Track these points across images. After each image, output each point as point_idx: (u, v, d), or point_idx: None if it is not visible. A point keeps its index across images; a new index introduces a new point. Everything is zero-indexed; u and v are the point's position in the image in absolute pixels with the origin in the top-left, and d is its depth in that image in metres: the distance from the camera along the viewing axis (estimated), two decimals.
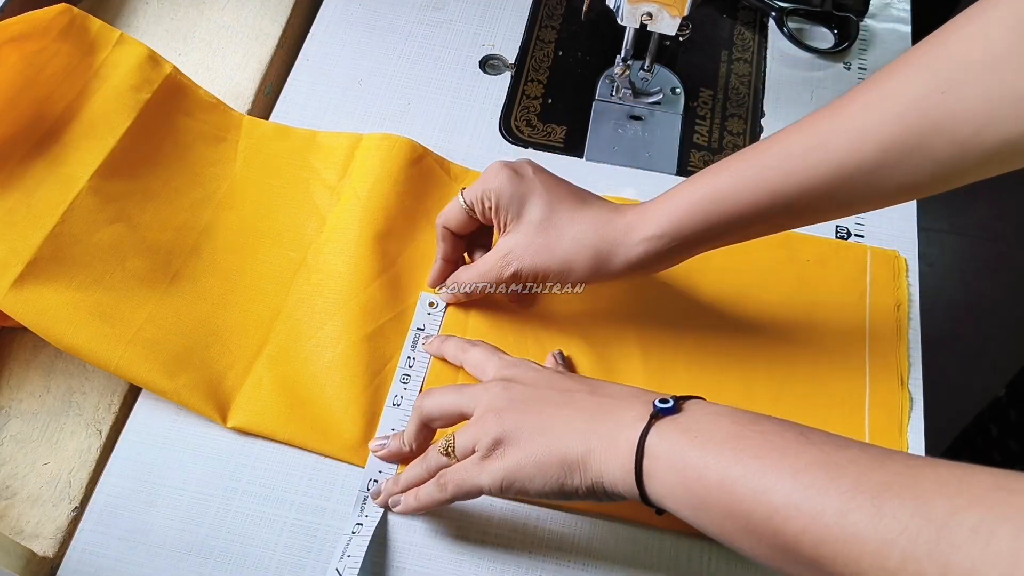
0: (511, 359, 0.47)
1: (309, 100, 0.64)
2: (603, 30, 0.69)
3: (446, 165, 0.60)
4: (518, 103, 0.65)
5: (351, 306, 0.53)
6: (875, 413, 0.52)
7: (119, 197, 0.53)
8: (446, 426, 0.46)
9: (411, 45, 0.68)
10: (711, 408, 0.38)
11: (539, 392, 0.42)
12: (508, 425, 0.41)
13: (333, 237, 0.55)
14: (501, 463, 0.40)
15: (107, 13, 0.67)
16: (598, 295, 0.55)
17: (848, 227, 0.59)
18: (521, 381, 0.43)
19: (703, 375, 0.53)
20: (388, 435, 0.49)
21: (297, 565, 0.46)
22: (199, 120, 0.59)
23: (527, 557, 0.47)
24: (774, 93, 0.67)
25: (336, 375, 0.51)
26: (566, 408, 0.40)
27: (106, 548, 0.46)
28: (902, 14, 0.72)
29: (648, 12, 0.56)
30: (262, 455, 0.49)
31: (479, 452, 0.41)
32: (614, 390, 0.41)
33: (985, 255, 1.50)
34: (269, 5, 0.69)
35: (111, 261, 0.51)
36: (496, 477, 0.40)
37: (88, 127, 0.54)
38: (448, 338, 0.52)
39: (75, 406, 0.50)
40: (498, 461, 0.41)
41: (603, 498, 0.39)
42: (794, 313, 0.55)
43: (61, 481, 0.48)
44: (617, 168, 0.62)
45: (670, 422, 0.37)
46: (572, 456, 0.39)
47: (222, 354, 0.51)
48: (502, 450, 0.41)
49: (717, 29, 0.71)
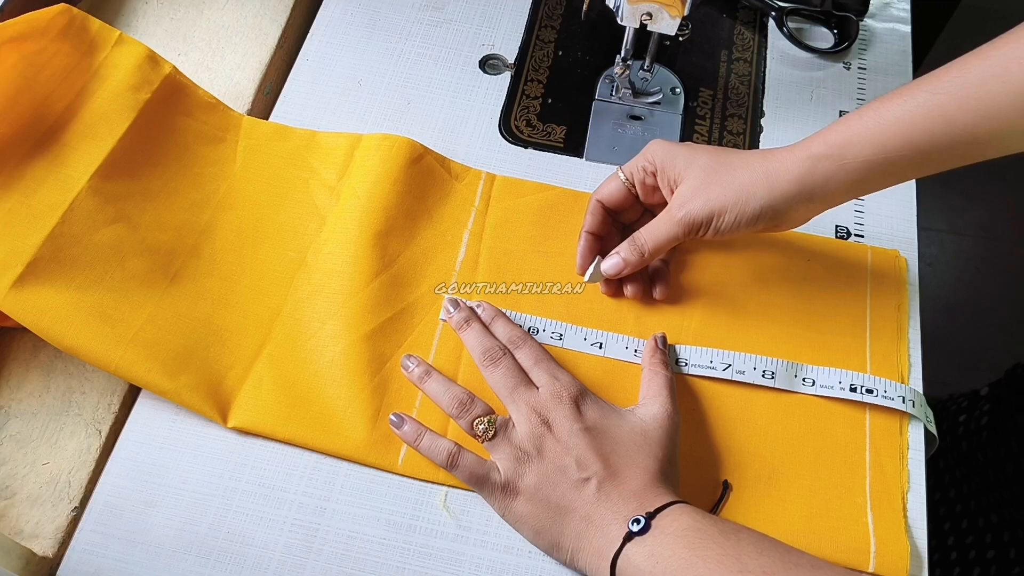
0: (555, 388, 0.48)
1: (309, 100, 0.64)
2: (603, 30, 0.69)
3: (447, 164, 0.60)
4: (518, 103, 0.65)
5: (351, 305, 0.53)
6: (875, 413, 0.52)
7: (119, 197, 0.53)
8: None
9: (411, 45, 0.68)
10: (675, 526, 0.42)
11: (563, 460, 0.45)
12: (526, 480, 0.46)
13: (333, 237, 0.55)
14: (506, 503, 0.46)
15: (107, 13, 0.67)
16: (598, 296, 0.55)
17: (848, 227, 0.59)
18: (556, 435, 0.46)
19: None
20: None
21: (297, 565, 0.46)
22: (199, 120, 0.59)
23: (527, 557, 0.47)
24: (774, 93, 0.67)
25: (337, 374, 0.51)
26: (574, 498, 0.44)
27: (106, 548, 0.46)
28: (902, 14, 0.72)
29: (648, 12, 0.56)
30: (262, 455, 0.49)
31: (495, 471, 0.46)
32: (616, 487, 0.44)
33: (985, 255, 1.50)
34: (269, 5, 0.69)
35: (111, 261, 0.51)
36: (498, 510, 0.47)
37: (88, 127, 0.54)
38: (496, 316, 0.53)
39: (75, 406, 0.50)
40: (506, 501, 0.46)
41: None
42: (794, 313, 0.55)
43: (61, 481, 0.48)
44: (617, 168, 0.62)
45: (638, 544, 0.42)
46: (564, 547, 0.45)
47: (222, 354, 0.51)
48: (513, 494, 0.46)
49: (717, 29, 0.71)
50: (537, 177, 0.60)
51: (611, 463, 0.45)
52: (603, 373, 0.52)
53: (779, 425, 0.51)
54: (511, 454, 0.46)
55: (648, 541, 0.42)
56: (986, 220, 1.53)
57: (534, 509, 0.45)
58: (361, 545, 0.47)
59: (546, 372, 0.48)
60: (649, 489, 0.44)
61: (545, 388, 0.48)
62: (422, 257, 0.56)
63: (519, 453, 0.46)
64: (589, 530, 0.44)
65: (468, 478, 0.47)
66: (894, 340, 0.54)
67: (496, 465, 0.47)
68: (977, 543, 0.70)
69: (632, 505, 0.43)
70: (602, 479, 0.44)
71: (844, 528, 0.48)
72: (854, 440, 0.50)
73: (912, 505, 0.49)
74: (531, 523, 0.45)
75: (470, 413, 0.48)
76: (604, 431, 0.46)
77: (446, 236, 0.57)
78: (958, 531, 0.71)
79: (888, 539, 0.47)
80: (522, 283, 0.55)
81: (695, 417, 0.51)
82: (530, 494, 0.45)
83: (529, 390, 0.48)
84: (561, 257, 0.56)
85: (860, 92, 0.67)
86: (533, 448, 0.46)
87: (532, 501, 0.45)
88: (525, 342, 0.50)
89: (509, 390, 0.48)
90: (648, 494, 0.44)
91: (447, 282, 0.55)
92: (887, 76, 0.68)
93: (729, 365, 0.52)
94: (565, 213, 0.58)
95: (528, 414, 0.47)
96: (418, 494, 0.48)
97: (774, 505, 0.48)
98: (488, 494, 0.47)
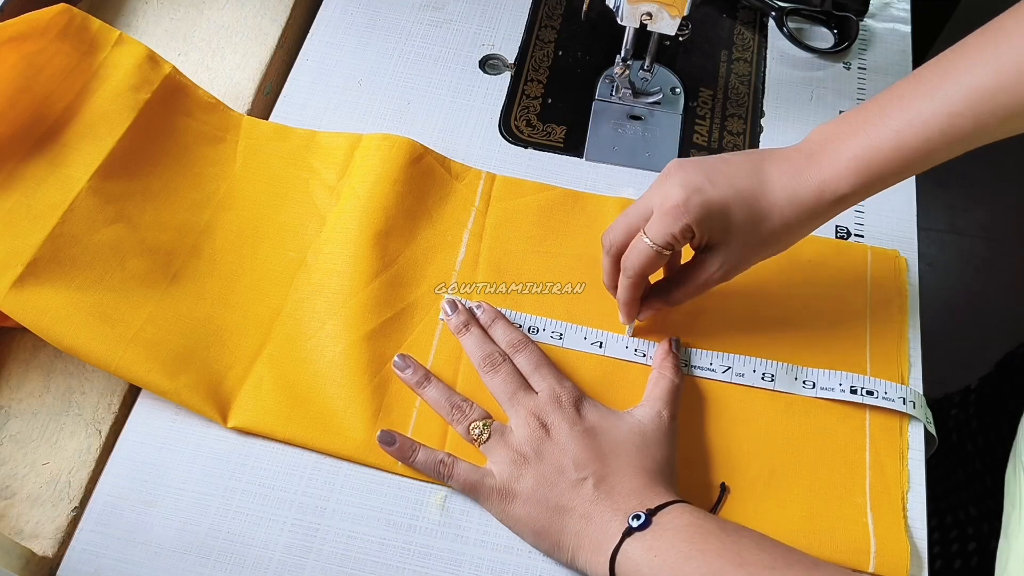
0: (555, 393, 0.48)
1: (309, 100, 0.64)
2: (603, 30, 0.69)
3: (447, 163, 0.60)
4: (518, 103, 0.65)
5: (351, 305, 0.53)
6: (875, 413, 0.52)
7: (119, 197, 0.53)
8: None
9: (411, 45, 0.68)
10: (676, 523, 0.42)
11: (561, 461, 0.45)
12: (524, 483, 0.46)
13: (333, 237, 0.55)
14: (504, 507, 0.46)
15: (107, 13, 0.67)
16: (598, 296, 0.55)
17: (848, 227, 0.59)
18: (554, 438, 0.46)
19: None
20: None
21: (297, 565, 0.46)
22: (199, 120, 0.59)
23: (526, 557, 0.47)
24: (774, 93, 0.67)
25: (337, 374, 0.51)
26: (572, 497, 0.44)
27: (106, 548, 0.46)
28: (902, 14, 0.72)
29: (648, 12, 0.56)
30: (262, 455, 0.49)
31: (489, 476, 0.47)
32: (614, 486, 0.44)
33: (986, 255, 1.50)
34: (269, 5, 0.69)
35: (111, 261, 0.51)
36: (496, 515, 0.47)
37: (88, 127, 0.54)
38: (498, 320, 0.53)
39: (75, 406, 0.50)
40: (503, 504, 0.46)
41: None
42: (794, 313, 0.55)
43: (61, 481, 0.48)
44: (617, 168, 0.62)
45: (637, 539, 0.42)
46: (564, 545, 0.45)
47: (222, 354, 0.51)
48: (511, 498, 0.46)
49: (717, 29, 0.71)
50: (537, 177, 0.60)
51: (609, 463, 0.45)
52: (603, 373, 0.52)
53: (779, 425, 0.51)
54: (508, 457, 0.46)
55: (648, 536, 0.42)
56: (987, 220, 1.53)
57: (532, 511, 0.45)
58: (361, 545, 0.47)
59: (545, 377, 0.49)
60: (649, 488, 0.44)
61: (544, 393, 0.48)
62: (422, 257, 0.56)
63: (516, 456, 0.46)
64: (589, 528, 0.44)
65: (463, 487, 0.47)
66: (894, 340, 0.54)
67: (491, 470, 0.47)
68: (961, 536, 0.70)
69: (632, 503, 0.43)
70: (600, 478, 0.44)
71: (844, 528, 0.48)
72: (854, 440, 0.50)
73: (912, 505, 0.49)
74: (530, 525, 0.45)
75: (467, 418, 0.49)
76: (602, 433, 0.46)
77: (446, 236, 0.57)
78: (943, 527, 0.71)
79: (888, 539, 0.47)
80: (522, 283, 0.55)
81: (695, 417, 0.51)
82: (527, 496, 0.45)
83: (528, 395, 0.48)
84: (561, 257, 0.56)
85: (860, 92, 0.67)
86: (531, 451, 0.46)
87: (530, 503, 0.45)
88: (525, 346, 0.51)
89: (508, 395, 0.48)
90: (648, 492, 0.44)
91: (447, 282, 0.55)
92: (887, 76, 0.68)
93: (729, 367, 0.52)
94: (565, 213, 0.58)
95: (527, 418, 0.47)
96: (418, 494, 0.48)
97: (774, 505, 0.48)
98: (485, 499, 0.47)
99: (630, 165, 0.62)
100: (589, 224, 0.58)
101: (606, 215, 0.58)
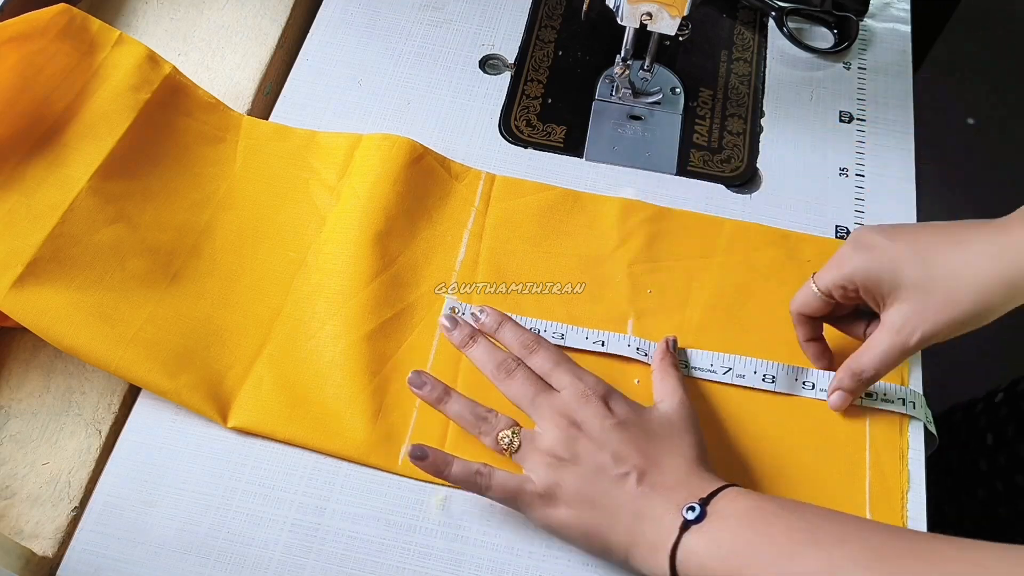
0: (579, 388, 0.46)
1: (309, 100, 0.64)
2: (603, 30, 0.69)
3: (447, 164, 0.60)
4: (518, 103, 0.65)
5: (351, 305, 0.53)
6: (875, 412, 0.52)
7: (119, 197, 0.53)
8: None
9: (411, 45, 0.68)
10: (734, 509, 0.41)
11: (598, 458, 0.44)
12: (565, 486, 0.43)
13: (333, 237, 0.55)
14: (548, 513, 0.44)
15: (107, 13, 0.67)
16: (598, 296, 0.55)
17: (848, 227, 0.59)
18: (587, 435, 0.44)
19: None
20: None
21: (297, 565, 0.46)
22: (199, 120, 0.59)
23: (527, 557, 0.47)
24: (774, 93, 0.67)
25: (337, 374, 0.51)
26: (618, 495, 0.43)
27: (106, 548, 0.46)
28: (902, 14, 0.72)
29: (648, 12, 0.56)
30: (262, 455, 0.49)
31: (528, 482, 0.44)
32: (658, 478, 0.43)
33: None
34: (269, 5, 0.69)
35: (111, 261, 0.51)
36: (538, 522, 0.45)
37: (88, 127, 0.54)
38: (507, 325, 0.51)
39: (75, 406, 0.50)
40: (547, 510, 0.44)
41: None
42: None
43: (61, 481, 0.48)
44: (617, 168, 0.62)
45: (696, 532, 0.40)
46: (616, 546, 0.43)
47: (222, 354, 0.51)
48: (554, 502, 0.44)
49: (717, 29, 0.71)
50: (537, 177, 0.60)
51: (649, 454, 0.44)
52: (605, 373, 0.52)
53: (779, 425, 0.51)
54: (543, 462, 0.44)
55: (707, 528, 0.40)
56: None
57: (578, 513, 0.43)
58: (361, 545, 0.47)
59: (568, 373, 0.47)
60: (693, 475, 0.43)
61: (569, 390, 0.46)
62: (422, 257, 0.56)
63: (551, 460, 0.44)
64: (641, 525, 0.42)
65: (503, 496, 0.45)
66: None
67: (529, 477, 0.44)
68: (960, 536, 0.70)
69: (681, 494, 0.42)
70: (642, 471, 0.43)
71: None
72: (854, 440, 0.50)
73: (912, 505, 0.49)
74: (578, 528, 0.43)
75: (494, 429, 0.46)
76: (636, 425, 0.45)
77: (446, 236, 0.57)
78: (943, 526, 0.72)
79: None
80: (522, 283, 0.55)
81: None
82: (570, 499, 0.43)
83: (551, 395, 0.46)
84: (561, 257, 0.56)
85: (860, 92, 0.67)
86: (566, 452, 0.44)
87: (574, 505, 0.43)
88: (540, 345, 0.49)
89: (530, 399, 0.46)
90: (694, 480, 0.43)
91: (447, 282, 0.55)
92: (887, 76, 0.68)
93: (729, 369, 0.52)
94: (565, 213, 0.58)
95: (555, 419, 0.45)
96: (418, 494, 0.48)
97: None
98: (527, 507, 0.44)
99: (630, 165, 0.62)
100: (589, 224, 0.58)
101: (606, 215, 0.58)
